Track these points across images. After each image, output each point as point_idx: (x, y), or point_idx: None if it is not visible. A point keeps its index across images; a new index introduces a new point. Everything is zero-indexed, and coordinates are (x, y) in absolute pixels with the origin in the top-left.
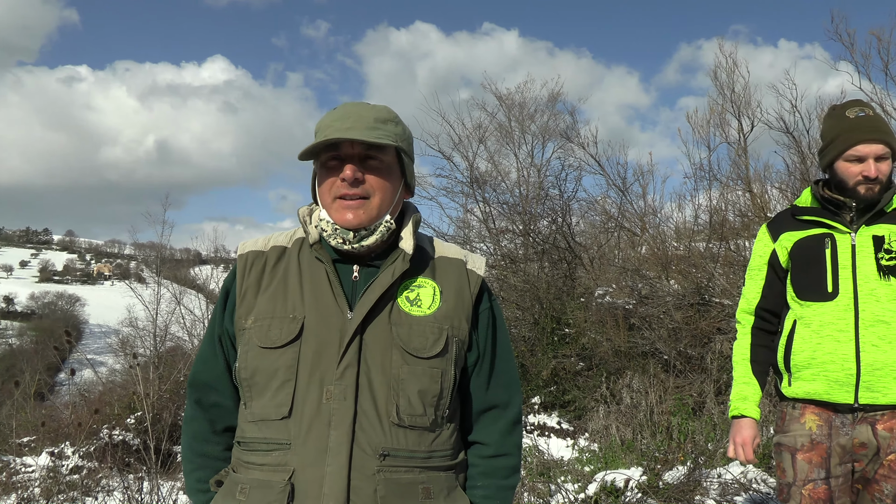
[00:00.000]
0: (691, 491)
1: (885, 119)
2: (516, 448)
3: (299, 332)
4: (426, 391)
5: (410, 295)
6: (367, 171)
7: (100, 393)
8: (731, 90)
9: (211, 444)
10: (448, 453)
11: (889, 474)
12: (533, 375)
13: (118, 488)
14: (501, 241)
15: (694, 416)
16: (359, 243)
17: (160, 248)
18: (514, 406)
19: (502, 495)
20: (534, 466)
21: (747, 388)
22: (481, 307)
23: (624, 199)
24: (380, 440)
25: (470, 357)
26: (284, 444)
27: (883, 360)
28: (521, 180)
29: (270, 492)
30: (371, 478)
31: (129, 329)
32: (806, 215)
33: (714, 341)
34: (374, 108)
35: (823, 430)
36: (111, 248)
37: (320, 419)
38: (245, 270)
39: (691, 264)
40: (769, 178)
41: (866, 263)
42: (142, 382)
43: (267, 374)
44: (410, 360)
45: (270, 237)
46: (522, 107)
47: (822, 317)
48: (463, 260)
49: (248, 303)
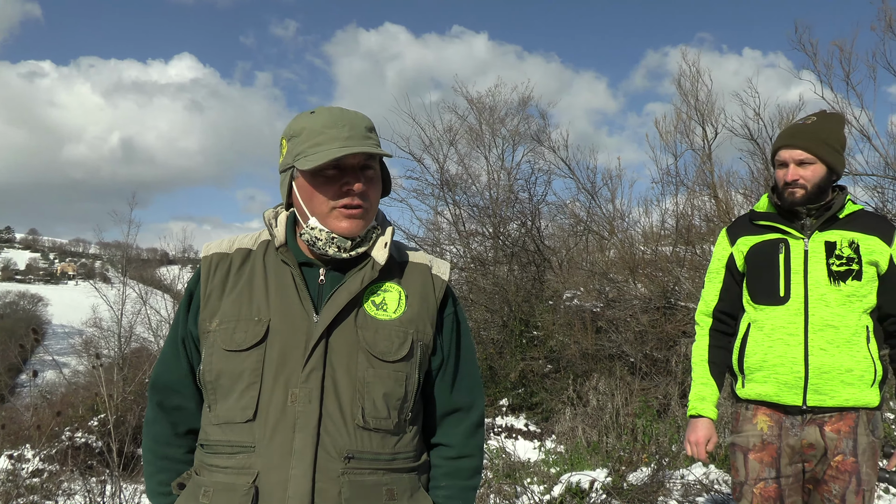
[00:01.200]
0: (654, 492)
1: (836, 127)
2: (479, 450)
3: (264, 335)
4: (391, 394)
5: (376, 299)
6: (364, 181)
7: (62, 394)
8: (695, 98)
9: (173, 447)
10: (411, 455)
11: (836, 475)
12: (501, 377)
13: (79, 492)
14: (471, 243)
15: (658, 418)
16: (354, 250)
17: (126, 247)
18: (477, 409)
19: (465, 496)
20: (500, 468)
21: (705, 388)
22: (446, 312)
23: (593, 202)
24: (345, 443)
25: (434, 361)
26: (249, 446)
27: (830, 363)
28: (491, 183)
29: (234, 494)
30: (336, 480)
31: (94, 330)
32: (762, 220)
33: (679, 344)
34: (359, 116)
35: (774, 430)
36: (75, 247)
37: (285, 422)
38: (210, 273)
39: (658, 268)
40: (733, 184)
41: (817, 269)
42: (105, 384)
43: (232, 377)
44: (376, 363)
45: (235, 239)
46: (493, 110)
47: (774, 320)
48: (428, 265)
49: (212, 305)
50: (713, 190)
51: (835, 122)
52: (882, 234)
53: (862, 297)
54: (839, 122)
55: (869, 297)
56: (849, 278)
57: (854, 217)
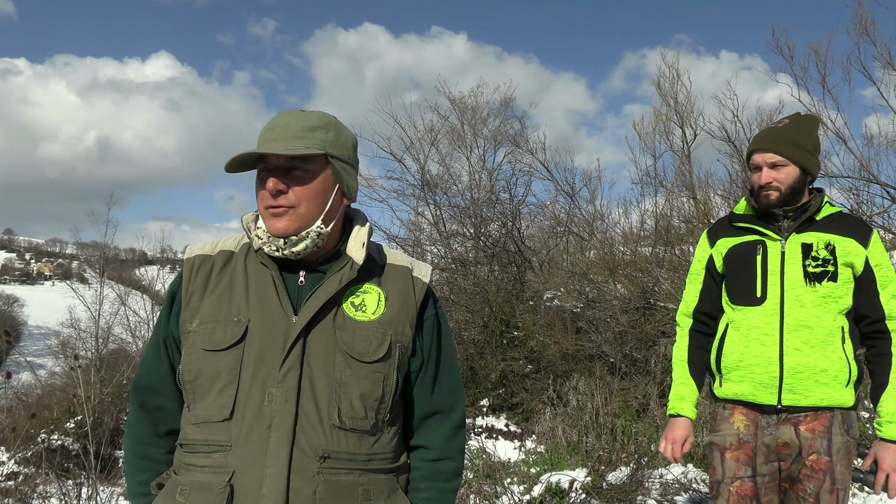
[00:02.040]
0: (633, 491)
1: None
2: (459, 452)
3: (243, 335)
4: (368, 395)
5: (356, 300)
6: (291, 181)
7: (38, 396)
8: (675, 100)
9: (153, 447)
10: (389, 456)
11: (811, 474)
12: (482, 378)
13: (55, 494)
14: (452, 244)
15: (638, 418)
16: (288, 250)
17: (104, 247)
18: (457, 411)
19: (444, 498)
20: (481, 468)
21: (684, 388)
22: (426, 314)
23: (572, 204)
24: (320, 442)
25: (414, 362)
26: (225, 445)
27: (805, 363)
28: (472, 184)
29: (210, 493)
30: (311, 479)
31: (71, 331)
32: (741, 222)
33: (658, 344)
34: (304, 116)
35: (750, 429)
36: (52, 247)
37: (261, 421)
38: (192, 274)
39: (637, 269)
40: (712, 186)
41: (794, 270)
42: (83, 385)
43: (210, 377)
44: (354, 363)
45: (218, 241)
46: (475, 111)
47: (751, 321)
48: (409, 267)
49: (193, 306)
50: (692, 191)
51: (808, 124)
52: (858, 236)
53: (837, 298)
54: (813, 123)
55: (844, 299)
56: (824, 279)
57: (831, 219)
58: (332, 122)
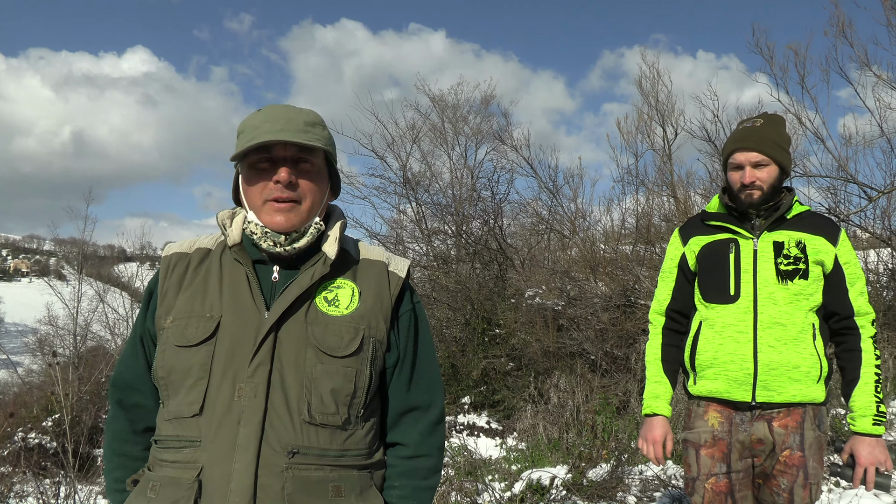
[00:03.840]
0: (613, 488)
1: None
2: (436, 449)
3: (214, 331)
4: (339, 390)
5: (329, 295)
6: (298, 174)
7: (15, 395)
8: (656, 99)
9: (130, 444)
10: (363, 452)
11: (784, 469)
12: (463, 375)
13: (33, 493)
14: (434, 241)
15: (618, 415)
16: (290, 245)
17: (82, 244)
18: (435, 408)
19: (419, 496)
20: (462, 466)
21: (659, 386)
22: (402, 309)
23: (554, 201)
24: (290, 438)
25: (389, 358)
26: (195, 441)
27: (778, 360)
28: (454, 181)
29: (178, 489)
30: (279, 475)
31: (48, 328)
32: (714, 220)
33: (639, 342)
34: (302, 111)
35: (724, 426)
36: (29, 243)
37: (231, 416)
38: (168, 272)
39: (618, 267)
40: (692, 185)
41: (766, 268)
42: (61, 383)
43: (181, 373)
44: (325, 358)
45: (197, 239)
46: (456, 108)
47: (725, 318)
48: (385, 262)
49: (167, 303)
50: (672, 190)
51: (779, 123)
52: (827, 234)
53: (808, 295)
54: (782, 122)
55: (815, 296)
56: (796, 277)
57: (801, 217)
58: (323, 121)
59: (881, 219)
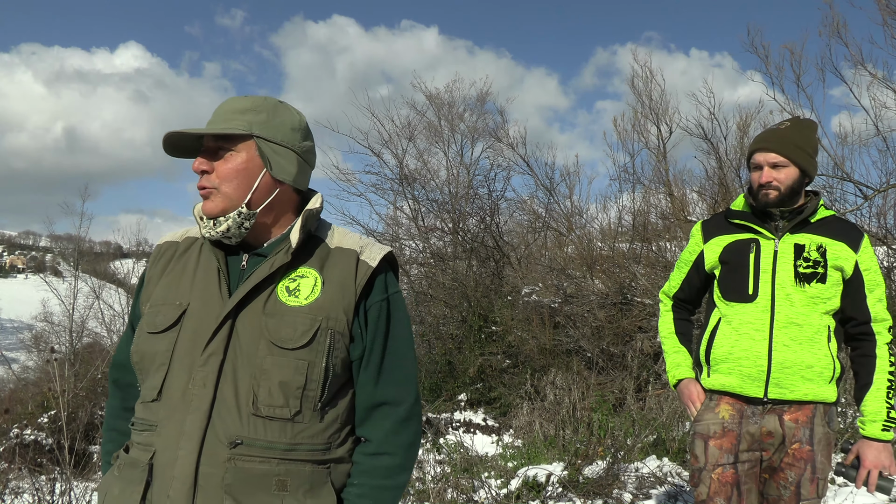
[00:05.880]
0: (610, 485)
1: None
2: (402, 448)
3: (178, 318)
4: (289, 383)
5: (291, 285)
6: (217, 161)
7: (11, 391)
8: (649, 98)
9: (120, 420)
10: (318, 448)
11: (793, 462)
12: (460, 373)
13: (28, 490)
14: (430, 238)
15: (614, 413)
16: (214, 230)
17: (78, 240)
18: (405, 404)
19: (378, 495)
20: (458, 463)
21: (678, 355)
22: (370, 300)
23: (551, 199)
24: (235, 429)
25: (354, 350)
26: (153, 425)
27: (792, 359)
28: (450, 179)
29: (135, 470)
30: (221, 465)
31: (44, 324)
32: (737, 219)
33: (635, 340)
34: (239, 99)
35: (735, 418)
36: (25, 239)
37: (183, 403)
38: (156, 260)
39: (615, 264)
40: (688, 182)
41: (785, 269)
42: (57, 379)
43: (149, 358)
44: (276, 350)
45: (189, 229)
46: (451, 106)
47: (743, 316)
48: (357, 251)
49: (149, 290)
50: (668, 188)
51: (808, 128)
52: (850, 240)
53: (825, 299)
54: (812, 127)
55: (832, 300)
56: (813, 280)
57: (825, 222)
58: (267, 104)
59: (877, 217)
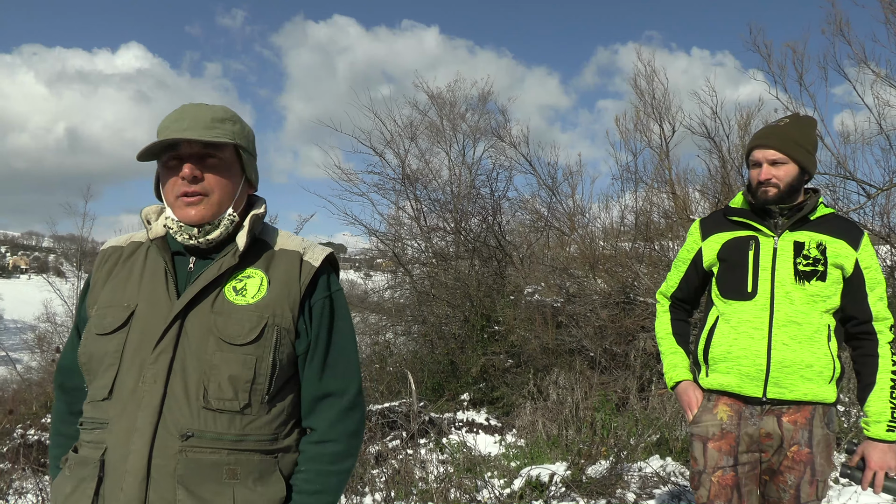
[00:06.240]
0: (613, 485)
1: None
2: (346, 436)
3: (127, 319)
4: (238, 377)
5: (238, 285)
6: (205, 169)
7: (14, 391)
8: (652, 97)
9: (67, 424)
10: (266, 438)
11: (792, 465)
12: (462, 372)
13: (32, 490)
14: (433, 238)
15: (617, 412)
16: (204, 237)
17: (81, 240)
18: (348, 395)
19: (324, 480)
20: (461, 462)
21: (675, 356)
22: (314, 297)
23: (553, 198)
24: (186, 422)
25: (299, 345)
26: (104, 423)
27: (791, 358)
28: (452, 178)
29: (86, 468)
30: (173, 457)
31: (47, 325)
32: (736, 216)
33: (638, 339)
34: (211, 108)
35: (733, 420)
36: (28, 240)
37: (134, 401)
38: (101, 264)
39: (618, 264)
40: (691, 181)
41: (784, 267)
42: None
43: (98, 359)
44: (224, 346)
45: (134, 234)
46: (453, 105)
47: (741, 315)
48: (300, 252)
49: (95, 293)
50: (671, 187)
51: (807, 125)
52: (850, 238)
53: (825, 297)
54: (811, 124)
55: (832, 299)
56: (813, 278)
57: (824, 220)
58: (236, 115)
59: (880, 216)
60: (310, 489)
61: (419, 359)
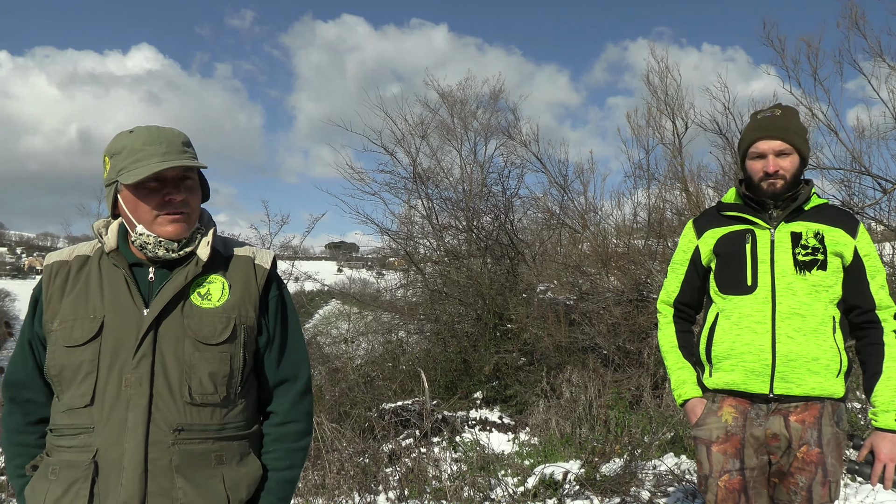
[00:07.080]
0: (627, 483)
1: (798, 119)
2: (304, 416)
3: (99, 330)
4: (216, 373)
5: (202, 290)
6: (184, 190)
7: None
8: (665, 93)
9: (25, 434)
10: (241, 425)
11: (803, 466)
12: (475, 371)
13: None
14: (444, 237)
15: (631, 410)
16: (182, 250)
17: None
18: (301, 379)
19: (291, 457)
20: (475, 461)
21: (683, 372)
22: (269, 296)
23: (565, 196)
24: (175, 418)
25: (261, 340)
26: (89, 428)
27: (797, 351)
28: (464, 177)
29: (76, 470)
30: (167, 450)
31: None
32: (730, 211)
33: (651, 336)
34: (174, 132)
35: (738, 421)
36: (43, 241)
37: (120, 404)
38: (50, 279)
39: (630, 261)
40: (704, 178)
41: (784, 258)
42: None
43: (72, 369)
44: (201, 347)
45: (74, 248)
46: (464, 104)
47: (742, 309)
48: (251, 256)
49: (53, 307)
50: (684, 184)
51: (796, 115)
52: (846, 226)
53: (827, 287)
54: (797, 113)
55: (834, 288)
56: (814, 268)
57: (819, 209)
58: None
59: None
60: (281, 465)
61: (432, 357)
